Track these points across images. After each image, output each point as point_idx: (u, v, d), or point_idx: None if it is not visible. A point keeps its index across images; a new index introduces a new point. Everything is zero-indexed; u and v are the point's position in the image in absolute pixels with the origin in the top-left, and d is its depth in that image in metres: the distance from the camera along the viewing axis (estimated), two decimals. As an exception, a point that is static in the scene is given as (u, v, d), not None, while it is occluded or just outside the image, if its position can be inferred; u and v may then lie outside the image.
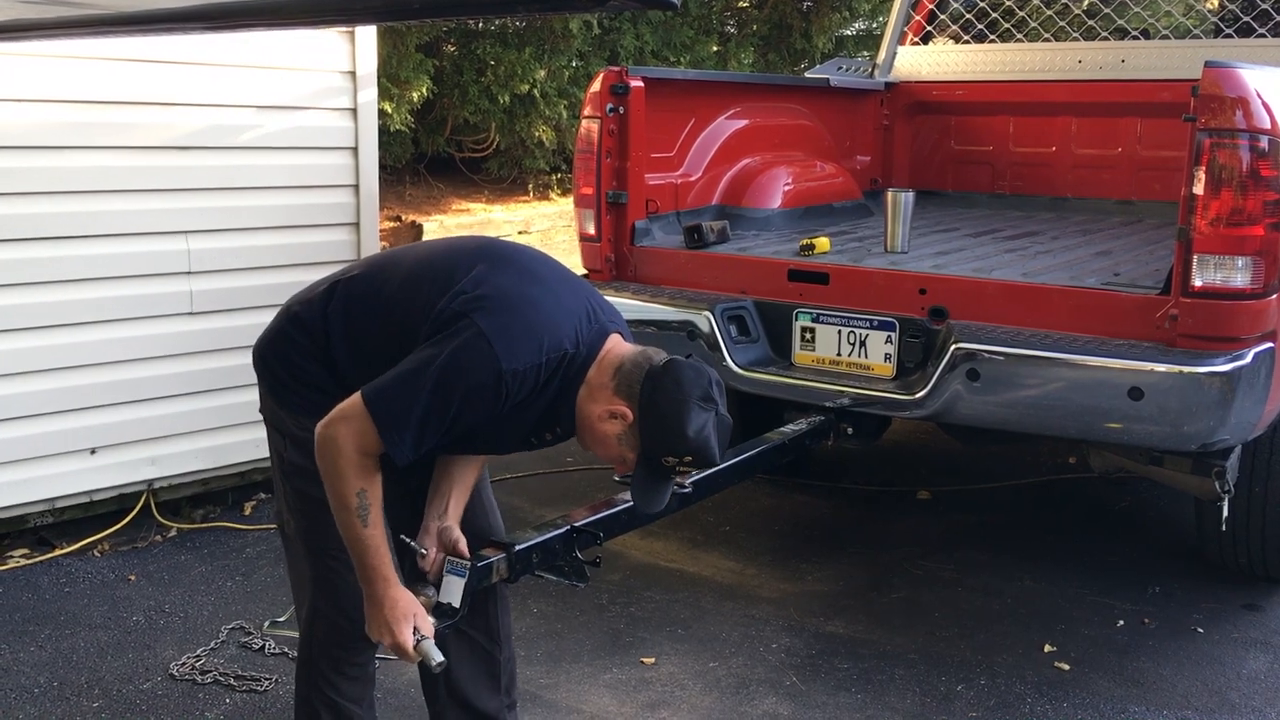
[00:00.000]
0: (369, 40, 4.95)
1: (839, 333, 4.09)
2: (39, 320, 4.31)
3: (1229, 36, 5.44)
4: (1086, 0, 6.02)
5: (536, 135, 9.16)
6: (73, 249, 4.35)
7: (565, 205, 9.38)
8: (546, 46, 9.03)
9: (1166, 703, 3.61)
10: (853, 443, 4.19)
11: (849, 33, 11.65)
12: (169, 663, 3.74)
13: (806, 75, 6.57)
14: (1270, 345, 3.53)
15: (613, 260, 4.61)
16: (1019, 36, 6.00)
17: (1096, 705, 3.59)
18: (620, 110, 4.48)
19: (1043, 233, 5.07)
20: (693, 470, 2.60)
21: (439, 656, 2.51)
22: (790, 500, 5.26)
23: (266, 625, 3.95)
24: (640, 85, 4.50)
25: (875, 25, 11.32)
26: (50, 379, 4.37)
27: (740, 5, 11.13)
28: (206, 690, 3.60)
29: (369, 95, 5.01)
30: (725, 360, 4.15)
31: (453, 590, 2.62)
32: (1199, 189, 3.41)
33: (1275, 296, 3.49)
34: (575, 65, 9.37)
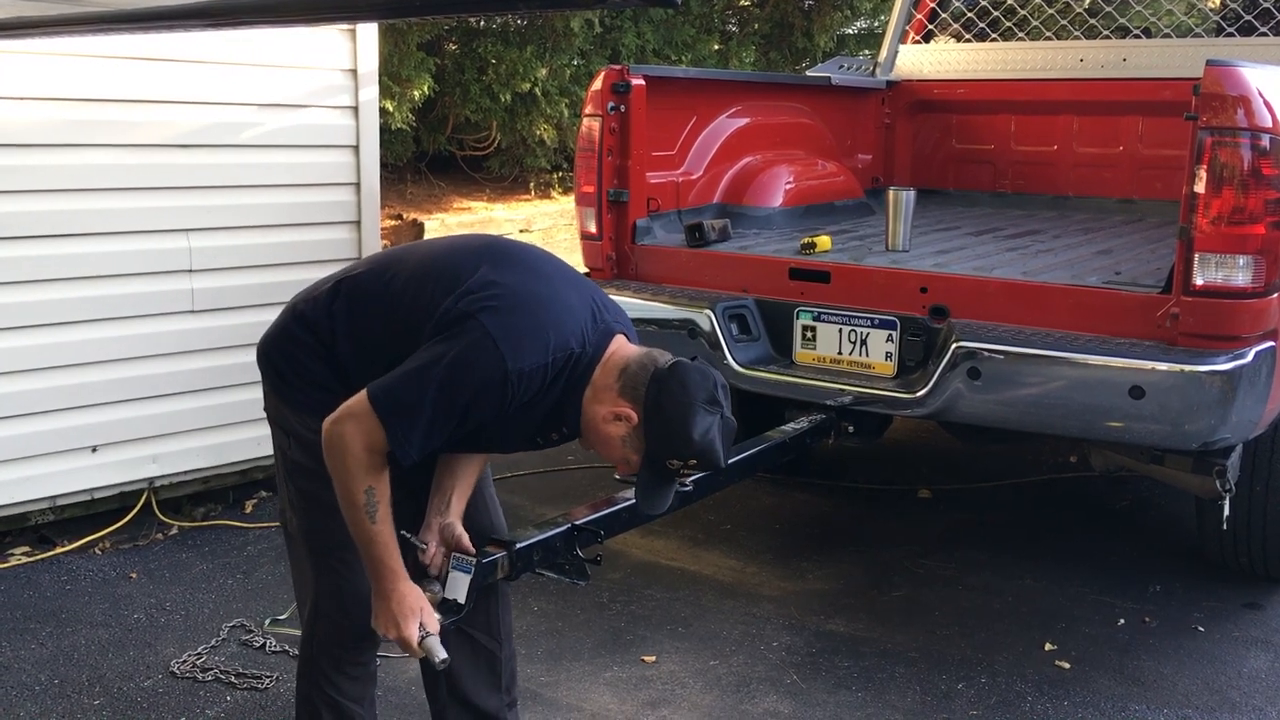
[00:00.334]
0: (370, 38, 4.95)
1: (840, 331, 4.09)
2: (40, 318, 4.31)
3: (1230, 35, 5.45)
4: (1088, -1, 6.03)
5: (538, 134, 9.15)
6: (74, 247, 4.36)
7: (567, 204, 9.38)
8: (548, 45, 9.03)
9: (1167, 701, 3.61)
10: (854, 441, 4.20)
11: (850, 31, 11.64)
12: (170, 660, 3.74)
13: (808, 74, 6.56)
14: (1271, 344, 3.53)
15: (614, 259, 4.61)
16: (1020, 35, 6.00)
17: (1097, 704, 3.59)
18: (621, 108, 4.48)
19: (1044, 231, 5.07)
20: (697, 472, 2.59)
21: (443, 654, 2.51)
22: (791, 499, 5.26)
23: (267, 623, 3.96)
24: (641, 83, 4.50)
25: (877, 24, 11.31)
26: (51, 377, 4.37)
27: (742, 4, 11.12)
28: (207, 688, 3.60)
29: (370, 93, 5.01)
30: (726, 359, 4.15)
31: (458, 586, 2.62)
32: (1200, 187, 3.41)
33: (1276, 295, 3.49)
34: (577, 64, 9.37)
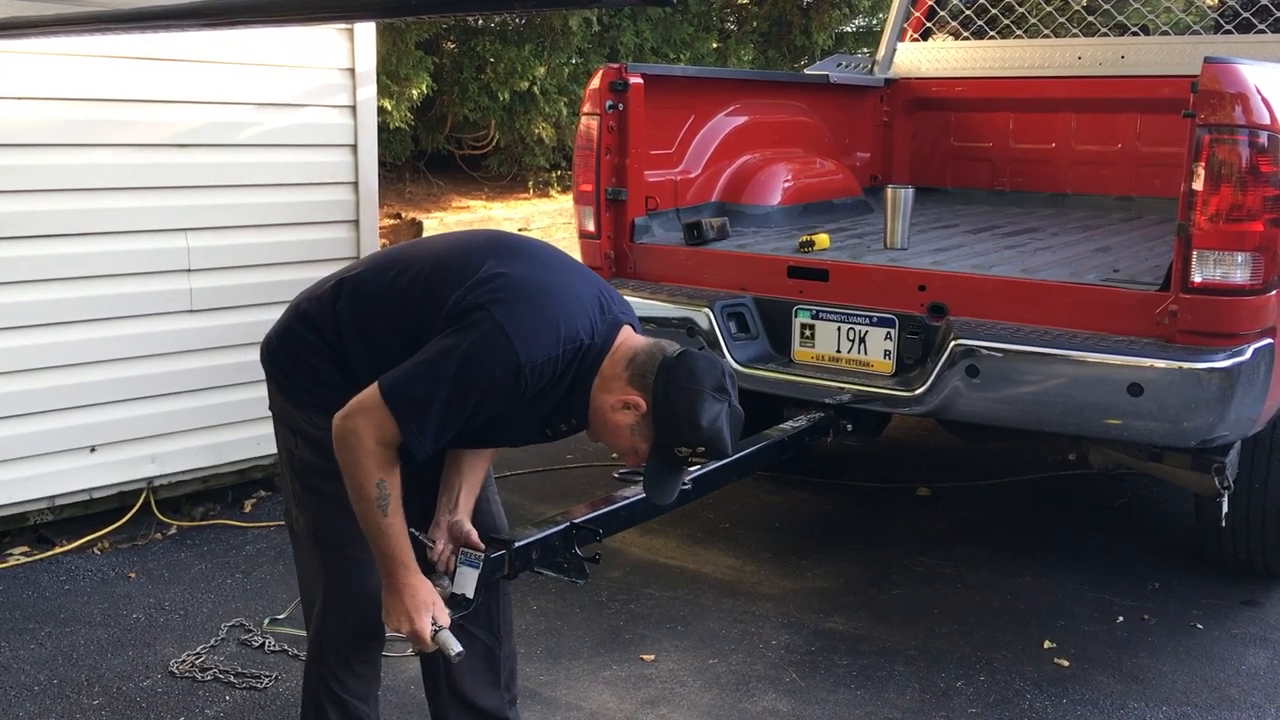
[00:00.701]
0: (368, 37, 4.95)
1: (838, 329, 4.09)
2: (39, 318, 4.31)
3: (1229, 32, 5.45)
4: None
5: (536, 132, 9.14)
6: (72, 246, 4.35)
7: (565, 202, 9.37)
8: (546, 43, 9.02)
9: (1166, 698, 3.61)
10: (852, 439, 4.21)
11: (849, 29, 11.63)
12: (169, 660, 3.74)
13: (806, 72, 6.56)
14: (1270, 341, 3.53)
15: (612, 257, 4.61)
16: (1018, 33, 6.00)
17: (1096, 701, 3.59)
18: (620, 107, 4.48)
19: (1042, 229, 5.07)
20: (705, 461, 2.59)
21: (457, 646, 2.52)
22: (790, 497, 5.26)
23: (266, 623, 3.96)
24: (639, 82, 4.50)
25: (875, 22, 11.31)
26: (50, 377, 4.37)
27: (740, 2, 11.12)
28: (206, 688, 3.60)
29: (368, 92, 5.00)
30: (725, 357, 4.14)
31: (466, 581, 2.63)
32: (1198, 185, 3.41)
33: (1275, 292, 3.49)
34: (575, 62, 9.36)
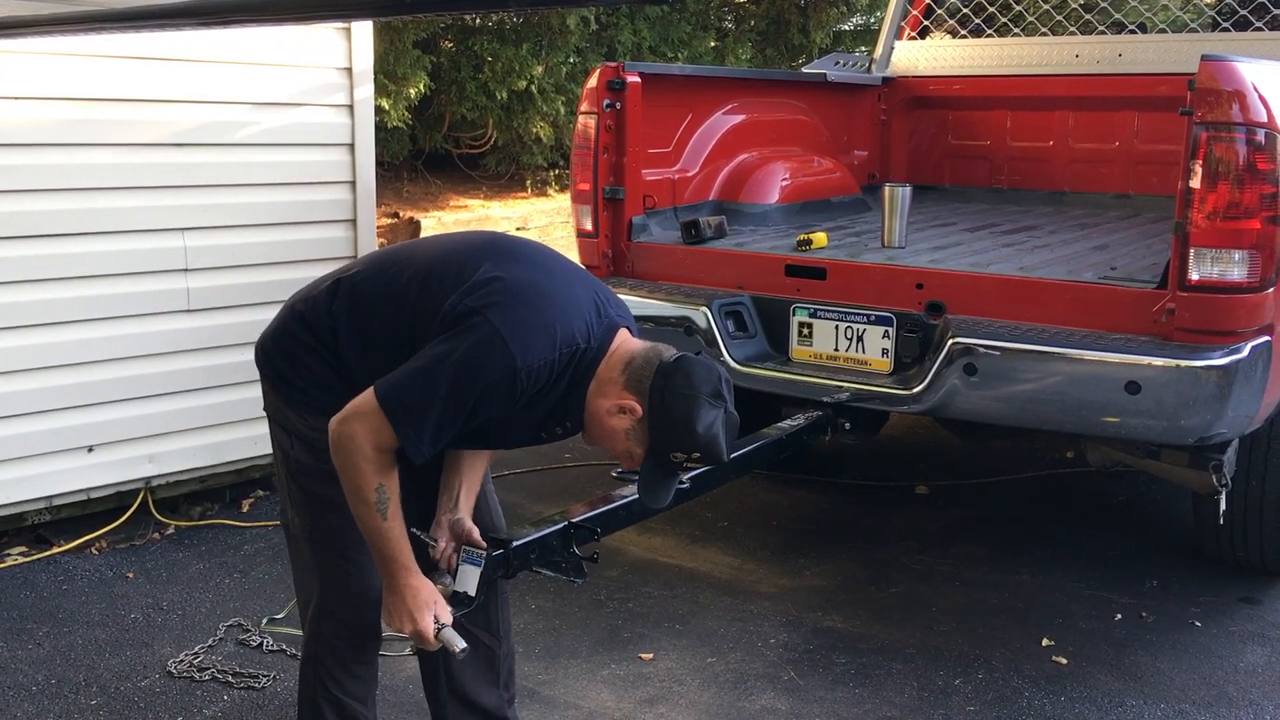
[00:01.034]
0: (365, 37, 4.95)
1: (836, 328, 4.09)
2: (36, 318, 4.31)
3: (1226, 30, 5.44)
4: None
5: (534, 131, 9.14)
6: (69, 246, 4.35)
7: (563, 201, 9.37)
8: (544, 42, 9.02)
9: (1164, 696, 3.61)
10: (850, 438, 4.20)
11: (846, 28, 11.64)
12: (167, 660, 3.73)
13: (804, 70, 6.56)
14: (1267, 339, 3.53)
15: (610, 256, 4.61)
16: (1016, 31, 5.99)
17: (1094, 699, 3.59)
18: (617, 106, 4.47)
19: (1040, 227, 5.07)
20: (700, 466, 2.59)
21: (461, 643, 2.52)
22: (788, 495, 5.26)
23: (264, 622, 3.96)
24: (637, 81, 4.50)
25: (872, 20, 11.31)
26: (47, 377, 4.36)
27: (738, 1, 11.12)
28: (204, 687, 3.60)
29: (365, 92, 5.00)
30: (722, 356, 4.15)
31: (468, 579, 2.63)
32: (1195, 183, 3.41)
33: (1272, 290, 3.49)
34: (573, 61, 9.36)
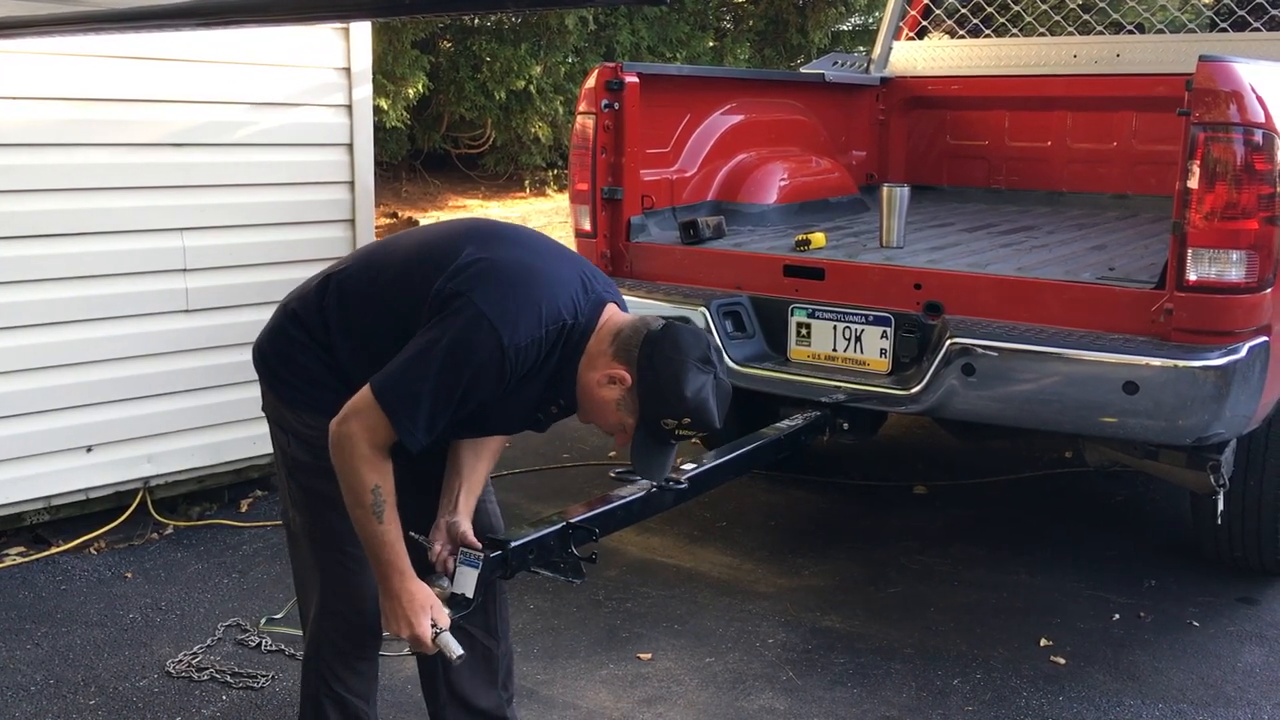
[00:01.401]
0: (364, 37, 4.95)
1: (834, 328, 4.09)
2: (35, 318, 4.31)
3: (1224, 30, 5.45)
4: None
5: (532, 131, 9.16)
6: (68, 246, 4.35)
7: (561, 201, 9.38)
8: (542, 42, 9.04)
9: (1162, 696, 3.61)
10: (849, 438, 4.20)
11: (845, 28, 11.66)
12: (165, 660, 3.73)
13: (802, 70, 6.56)
14: (1265, 339, 3.53)
15: (608, 256, 4.61)
16: (1014, 31, 6.00)
17: (1092, 699, 3.59)
18: (615, 106, 4.48)
19: (1038, 227, 5.07)
20: (693, 433, 2.59)
21: (458, 649, 2.52)
22: (786, 496, 5.27)
23: (263, 622, 3.96)
24: (635, 81, 4.50)
25: (871, 20, 11.32)
26: (46, 377, 4.36)
27: (736, 1, 11.13)
28: (203, 687, 3.60)
29: (364, 92, 5.00)
30: (721, 356, 4.14)
31: (466, 581, 2.62)
32: (1193, 183, 3.41)
33: (1270, 290, 3.49)
34: (571, 61, 9.38)
